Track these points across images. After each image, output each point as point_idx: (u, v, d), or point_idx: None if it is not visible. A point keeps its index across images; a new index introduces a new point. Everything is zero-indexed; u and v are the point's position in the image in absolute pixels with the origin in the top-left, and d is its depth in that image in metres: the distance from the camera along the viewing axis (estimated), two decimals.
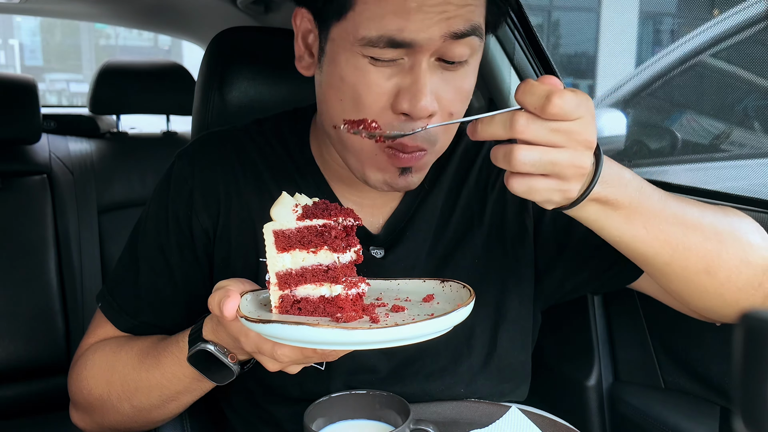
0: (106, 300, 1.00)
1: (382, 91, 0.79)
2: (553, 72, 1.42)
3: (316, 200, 0.75)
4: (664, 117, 2.15)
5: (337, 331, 0.65)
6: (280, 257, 0.73)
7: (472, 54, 0.81)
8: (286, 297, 0.74)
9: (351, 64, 0.79)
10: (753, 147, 1.98)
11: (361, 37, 0.77)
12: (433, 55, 0.77)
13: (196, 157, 0.99)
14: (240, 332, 0.75)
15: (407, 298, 0.79)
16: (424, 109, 0.77)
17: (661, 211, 0.78)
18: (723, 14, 1.85)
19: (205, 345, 0.81)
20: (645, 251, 0.80)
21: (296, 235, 0.73)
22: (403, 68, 0.78)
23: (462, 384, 0.97)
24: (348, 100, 0.81)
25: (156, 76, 2.27)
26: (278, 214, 0.72)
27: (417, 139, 0.80)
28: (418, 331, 0.67)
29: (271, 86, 1.27)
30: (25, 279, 1.88)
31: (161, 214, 0.97)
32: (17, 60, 20.31)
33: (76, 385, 0.98)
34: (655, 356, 1.15)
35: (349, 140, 0.84)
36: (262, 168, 0.97)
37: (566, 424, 0.93)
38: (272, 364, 0.75)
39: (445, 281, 0.81)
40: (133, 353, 0.93)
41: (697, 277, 0.82)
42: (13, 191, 1.93)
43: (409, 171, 0.84)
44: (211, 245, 0.96)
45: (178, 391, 0.90)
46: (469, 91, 0.84)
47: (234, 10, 2.08)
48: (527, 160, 0.67)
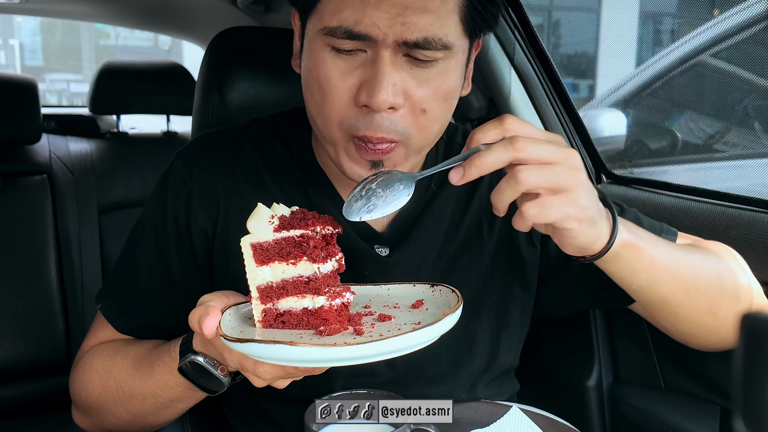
0: (105, 301, 1.00)
1: (345, 84, 0.80)
2: (553, 72, 1.42)
3: (294, 209, 0.74)
4: (664, 117, 2.14)
5: (316, 349, 0.63)
6: (259, 270, 0.72)
7: (446, 57, 0.80)
8: (269, 311, 0.73)
9: (316, 55, 0.81)
10: (753, 147, 1.98)
11: (323, 27, 0.79)
12: (399, 50, 0.78)
13: (194, 158, 0.98)
14: (223, 348, 0.75)
15: (396, 304, 0.78)
16: (382, 101, 0.77)
17: (673, 252, 0.85)
18: (723, 14, 1.85)
19: (194, 357, 0.81)
20: (665, 293, 0.85)
21: (274, 248, 0.71)
22: (365, 62, 0.79)
23: (463, 389, 0.97)
24: (317, 92, 0.82)
25: (156, 76, 2.27)
26: (254, 227, 0.71)
27: (381, 129, 0.79)
28: (403, 344, 0.64)
29: (271, 86, 1.27)
30: (26, 279, 1.88)
31: (159, 215, 0.96)
32: (17, 60, 20.32)
33: (76, 387, 0.98)
34: (655, 356, 1.14)
35: (327, 132, 0.84)
36: (261, 168, 0.97)
37: (567, 423, 0.93)
38: (257, 381, 0.75)
39: (435, 285, 0.79)
40: (128, 360, 0.93)
41: (702, 318, 0.88)
42: (13, 191, 1.93)
43: (381, 164, 0.84)
44: (210, 247, 0.96)
45: (172, 399, 0.90)
46: (449, 90, 0.83)
47: (234, 10, 2.08)
48: (533, 173, 0.70)
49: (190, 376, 0.83)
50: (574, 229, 0.73)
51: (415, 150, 0.85)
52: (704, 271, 0.87)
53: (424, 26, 0.76)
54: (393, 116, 0.79)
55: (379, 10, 0.75)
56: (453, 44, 0.79)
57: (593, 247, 0.77)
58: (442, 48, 0.78)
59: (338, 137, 0.83)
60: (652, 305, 0.89)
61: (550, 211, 0.71)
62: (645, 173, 1.70)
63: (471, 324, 0.97)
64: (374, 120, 0.79)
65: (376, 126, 0.79)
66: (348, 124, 0.81)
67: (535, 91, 1.44)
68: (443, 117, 0.85)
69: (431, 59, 0.79)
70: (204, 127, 1.27)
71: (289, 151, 0.98)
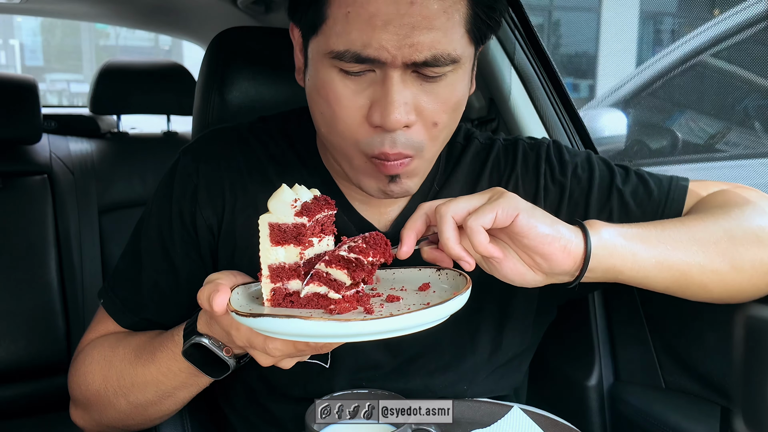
0: (108, 296, 1.00)
1: (355, 105, 0.80)
2: (554, 72, 1.42)
3: (316, 194, 0.74)
4: (664, 117, 2.15)
5: (331, 324, 0.63)
6: (273, 250, 0.72)
7: (454, 69, 0.80)
8: (278, 290, 0.73)
9: (324, 76, 0.80)
10: (753, 147, 1.98)
11: (330, 51, 0.78)
12: (408, 68, 0.77)
13: (200, 153, 0.98)
14: (231, 326, 0.75)
15: (403, 287, 0.78)
16: (396, 121, 0.77)
17: (671, 241, 0.82)
18: (723, 14, 1.85)
19: (199, 338, 0.81)
20: (669, 284, 0.84)
21: (292, 231, 0.71)
22: (375, 81, 0.79)
23: (465, 381, 0.97)
24: (327, 112, 0.82)
25: (156, 77, 2.27)
26: (275, 207, 0.71)
27: (397, 146, 0.80)
28: (414, 321, 0.65)
29: (272, 86, 1.27)
30: (26, 279, 1.88)
31: (165, 210, 0.96)
32: (18, 60, 20.32)
33: (75, 380, 0.98)
34: (655, 356, 1.14)
35: (342, 150, 0.85)
36: (267, 165, 0.97)
37: (567, 423, 0.93)
38: (264, 359, 0.75)
39: (441, 269, 0.80)
40: (130, 348, 0.93)
41: (728, 277, 0.85)
42: (13, 191, 1.93)
43: (398, 178, 0.84)
44: (215, 242, 0.96)
45: (175, 387, 0.89)
46: (458, 100, 0.83)
47: (234, 10, 2.08)
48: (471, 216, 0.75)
49: (195, 361, 0.83)
50: (546, 234, 0.75)
51: (428, 160, 0.86)
52: (714, 238, 0.84)
53: (432, 44, 0.76)
54: (407, 133, 0.80)
55: (387, 32, 0.75)
56: (461, 56, 0.80)
57: (570, 257, 0.77)
58: (451, 62, 0.78)
59: (354, 156, 0.84)
60: (667, 290, 0.87)
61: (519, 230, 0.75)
62: None
63: (474, 315, 0.96)
64: (390, 138, 0.79)
65: (392, 143, 0.80)
66: (364, 144, 0.81)
67: (536, 91, 1.44)
68: (452, 125, 0.86)
69: (440, 74, 0.79)
70: (204, 127, 1.27)
71: (294, 150, 0.99)
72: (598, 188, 0.97)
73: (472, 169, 1.01)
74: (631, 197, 0.96)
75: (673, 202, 0.95)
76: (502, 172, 1.01)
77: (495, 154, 1.01)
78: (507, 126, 1.48)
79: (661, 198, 0.96)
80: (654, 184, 0.97)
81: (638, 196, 0.96)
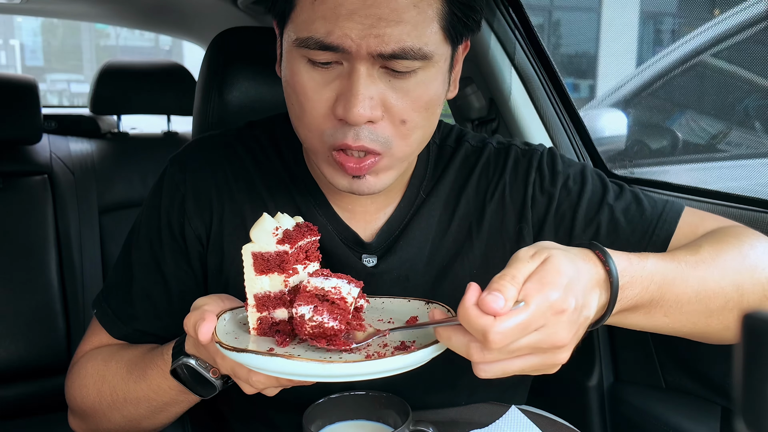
0: (101, 307, 1.00)
1: (321, 97, 0.79)
2: (554, 71, 1.42)
3: (299, 221, 0.74)
4: (664, 117, 2.14)
5: (312, 364, 0.64)
6: (258, 279, 0.72)
7: (425, 66, 0.79)
8: (265, 319, 0.73)
9: (293, 66, 0.80)
10: (754, 147, 1.98)
11: (296, 38, 0.78)
12: (375, 62, 0.76)
13: (188, 163, 0.98)
14: (216, 354, 0.75)
15: (390, 319, 0.77)
16: (359, 115, 0.76)
17: (682, 293, 0.79)
18: (723, 14, 1.85)
19: (186, 359, 0.81)
20: (667, 332, 0.83)
21: (275, 259, 0.71)
22: (341, 75, 0.78)
23: (462, 396, 0.97)
24: (296, 103, 0.82)
25: (157, 77, 2.26)
26: (258, 236, 0.71)
27: (360, 139, 0.79)
28: (397, 364, 0.65)
29: (272, 86, 1.27)
30: (26, 279, 1.88)
31: (154, 220, 0.96)
32: (18, 60, 20.35)
33: (71, 392, 0.98)
34: (655, 356, 1.14)
35: (309, 143, 0.84)
36: (254, 175, 0.97)
37: (566, 423, 0.93)
38: (248, 388, 0.75)
39: (430, 302, 0.79)
40: (122, 364, 0.93)
41: (720, 334, 0.84)
42: (14, 191, 1.93)
43: (363, 176, 0.83)
44: (204, 251, 0.96)
45: (166, 403, 0.89)
46: (430, 100, 0.81)
47: (234, 10, 2.08)
48: (491, 373, 0.65)
49: (183, 379, 0.83)
50: None
51: (399, 159, 0.84)
52: (719, 292, 0.81)
53: (399, 37, 0.75)
54: (372, 128, 0.79)
55: (351, 21, 0.74)
56: (432, 53, 0.78)
57: None
58: (421, 58, 0.77)
59: (319, 149, 0.83)
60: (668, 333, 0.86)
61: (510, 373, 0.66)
62: (646, 173, 1.70)
63: None
64: (353, 131, 0.78)
65: (354, 136, 0.79)
66: (328, 135, 0.80)
67: (536, 91, 1.44)
68: (426, 125, 0.84)
69: (409, 69, 0.78)
70: (204, 127, 1.27)
71: (281, 158, 0.98)
72: (588, 202, 0.95)
73: (460, 175, 0.99)
74: (622, 214, 0.94)
75: (664, 224, 0.93)
76: (490, 178, 0.98)
77: (485, 159, 0.99)
78: (507, 126, 1.48)
79: (653, 218, 0.94)
80: (648, 204, 0.95)
81: (629, 213, 0.94)
